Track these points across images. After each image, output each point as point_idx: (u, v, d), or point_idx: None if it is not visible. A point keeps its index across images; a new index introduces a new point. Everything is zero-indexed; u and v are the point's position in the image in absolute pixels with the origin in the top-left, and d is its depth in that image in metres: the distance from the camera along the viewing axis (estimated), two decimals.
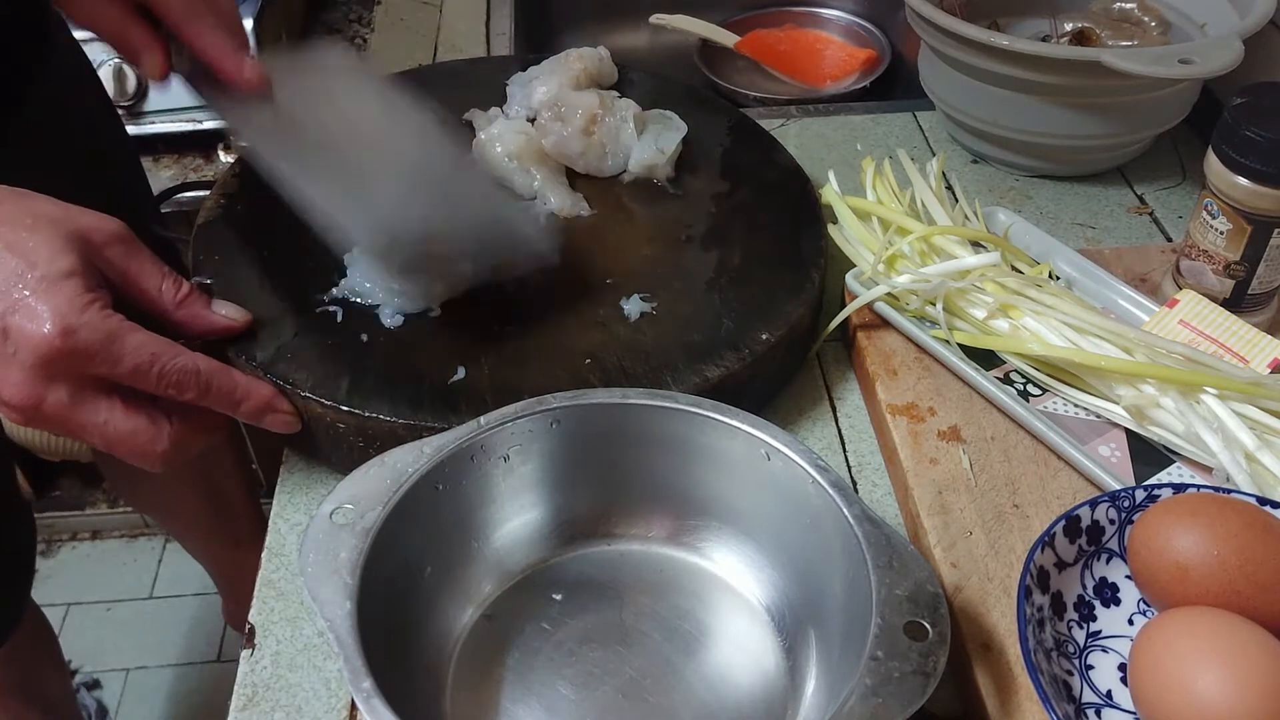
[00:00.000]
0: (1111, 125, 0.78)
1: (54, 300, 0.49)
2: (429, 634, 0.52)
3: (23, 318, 0.49)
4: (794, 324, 0.64)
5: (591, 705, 0.50)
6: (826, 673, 0.49)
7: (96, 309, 0.50)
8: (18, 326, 0.49)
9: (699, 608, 0.54)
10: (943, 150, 0.85)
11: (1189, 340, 0.62)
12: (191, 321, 0.57)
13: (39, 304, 0.49)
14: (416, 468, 0.50)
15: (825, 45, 1.17)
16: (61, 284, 0.49)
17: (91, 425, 0.51)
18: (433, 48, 1.06)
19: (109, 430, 0.52)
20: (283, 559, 0.59)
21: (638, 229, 0.71)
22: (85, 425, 0.51)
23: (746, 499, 0.54)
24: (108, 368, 0.50)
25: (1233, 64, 0.68)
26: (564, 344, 0.62)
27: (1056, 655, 0.49)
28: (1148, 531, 0.49)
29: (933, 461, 0.59)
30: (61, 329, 0.49)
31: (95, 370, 0.50)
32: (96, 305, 0.50)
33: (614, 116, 0.74)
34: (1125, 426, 0.59)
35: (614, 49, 0.83)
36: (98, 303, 0.50)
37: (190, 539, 1.34)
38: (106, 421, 0.51)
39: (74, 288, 0.50)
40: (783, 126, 0.91)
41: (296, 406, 0.59)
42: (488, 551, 0.54)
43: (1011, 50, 0.74)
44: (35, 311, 0.49)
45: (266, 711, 0.52)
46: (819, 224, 0.70)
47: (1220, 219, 0.63)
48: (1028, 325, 0.63)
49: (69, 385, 0.50)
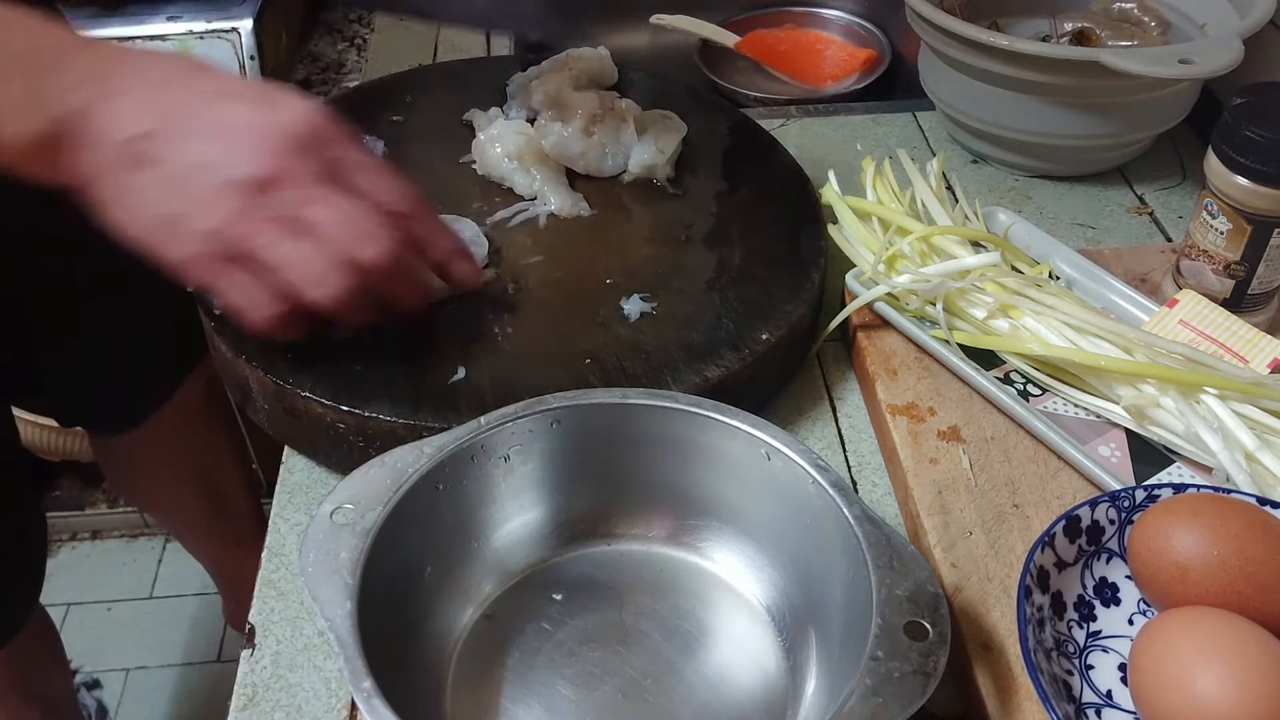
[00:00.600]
0: (1111, 125, 0.78)
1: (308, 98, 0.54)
2: (429, 634, 0.52)
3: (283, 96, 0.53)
4: (794, 324, 0.64)
5: (591, 705, 0.50)
6: (827, 673, 0.49)
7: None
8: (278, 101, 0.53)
9: (699, 608, 0.54)
10: (943, 150, 0.85)
11: (1189, 340, 0.62)
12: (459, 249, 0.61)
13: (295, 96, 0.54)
14: (416, 468, 0.50)
15: (825, 45, 1.17)
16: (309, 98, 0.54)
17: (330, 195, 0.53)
18: (433, 48, 1.06)
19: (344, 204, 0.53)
20: (283, 559, 0.59)
21: (638, 229, 0.71)
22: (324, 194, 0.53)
23: (746, 499, 0.54)
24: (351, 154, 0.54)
25: (1233, 64, 0.68)
26: (564, 344, 0.62)
27: (1056, 655, 0.49)
28: (1148, 531, 0.49)
29: (933, 461, 0.59)
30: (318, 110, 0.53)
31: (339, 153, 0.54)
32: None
33: (614, 117, 0.74)
34: (1125, 426, 0.59)
35: (614, 49, 0.83)
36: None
37: (190, 538, 1.34)
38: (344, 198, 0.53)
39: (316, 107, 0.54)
40: (783, 126, 0.91)
41: (297, 407, 0.59)
42: (488, 551, 0.54)
43: (1011, 50, 0.74)
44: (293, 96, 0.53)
45: (266, 711, 0.52)
46: (819, 224, 0.70)
47: (1220, 219, 0.63)
48: (1028, 325, 0.63)
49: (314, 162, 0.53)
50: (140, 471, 1.19)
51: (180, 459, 1.18)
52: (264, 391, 0.60)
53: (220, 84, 0.54)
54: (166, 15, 1.05)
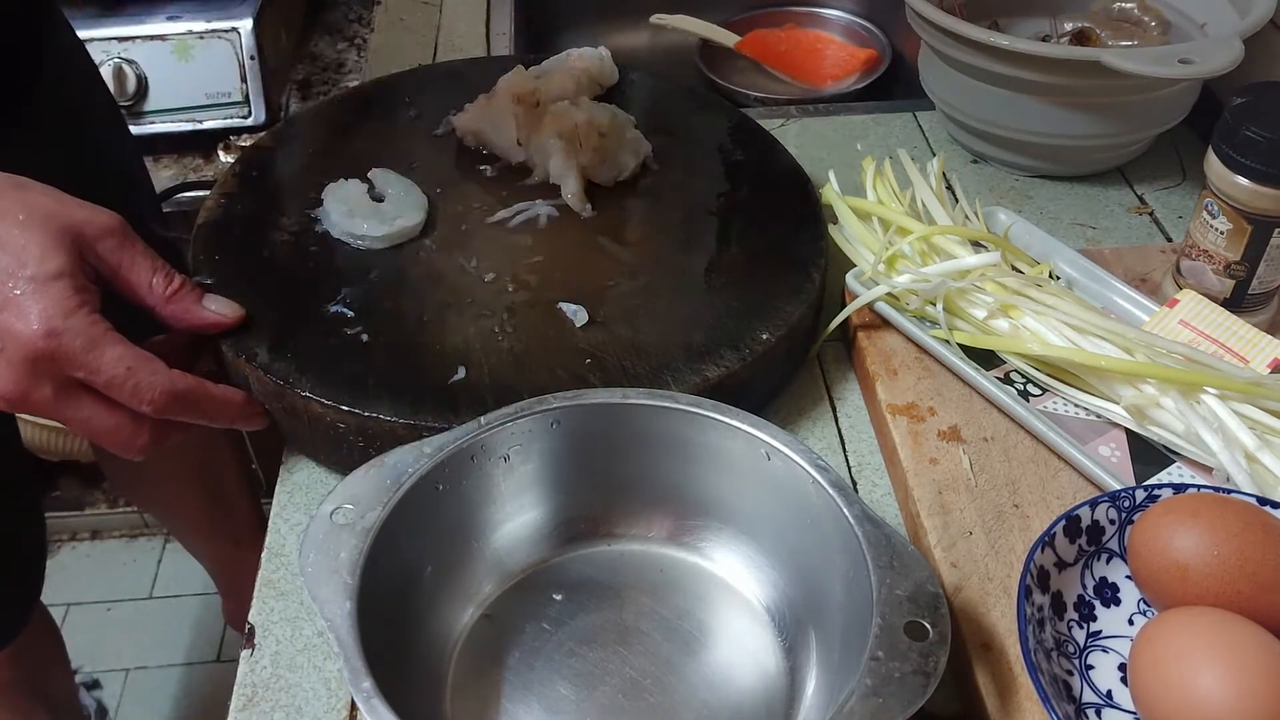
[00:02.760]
0: (1111, 125, 0.78)
1: (42, 302, 0.50)
2: (429, 634, 0.52)
3: (11, 316, 0.50)
4: (794, 324, 0.64)
5: (591, 705, 0.50)
6: (827, 673, 0.49)
7: (84, 314, 0.51)
8: (6, 324, 0.50)
9: (699, 608, 0.54)
10: (943, 150, 0.85)
11: (1189, 340, 0.62)
12: (182, 316, 0.58)
13: (27, 303, 0.50)
14: (416, 468, 0.50)
15: (826, 45, 1.17)
16: (50, 285, 0.51)
17: (76, 419, 0.54)
18: (433, 48, 1.06)
19: (92, 424, 0.54)
20: (283, 559, 0.59)
21: (638, 229, 0.71)
22: (69, 419, 0.54)
23: (746, 499, 0.54)
24: (86, 374, 0.52)
25: (1233, 64, 0.68)
26: (564, 344, 0.62)
27: (1056, 655, 0.49)
28: (1148, 531, 0.49)
29: (933, 461, 0.59)
30: (46, 330, 0.50)
31: (75, 374, 0.52)
32: (84, 310, 0.51)
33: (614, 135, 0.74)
34: (1125, 426, 0.59)
35: (614, 49, 0.83)
36: (85, 306, 0.52)
37: (191, 538, 1.35)
38: (90, 417, 0.54)
39: (62, 289, 0.51)
40: (783, 126, 0.91)
41: (297, 406, 0.59)
42: (488, 551, 0.54)
43: (1011, 50, 0.74)
44: (24, 310, 0.50)
45: (266, 711, 0.52)
46: (819, 224, 0.70)
47: (1220, 219, 0.63)
48: (1028, 325, 0.63)
49: (53, 382, 0.52)
50: (141, 470, 1.19)
51: (181, 458, 1.18)
52: (264, 391, 0.60)
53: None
54: (166, 15, 1.05)
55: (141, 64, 1.04)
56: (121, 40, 1.04)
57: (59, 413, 0.53)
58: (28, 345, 0.50)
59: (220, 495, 1.25)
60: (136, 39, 1.04)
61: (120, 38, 1.04)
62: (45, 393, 0.52)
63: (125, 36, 1.04)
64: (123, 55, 1.03)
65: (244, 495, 1.29)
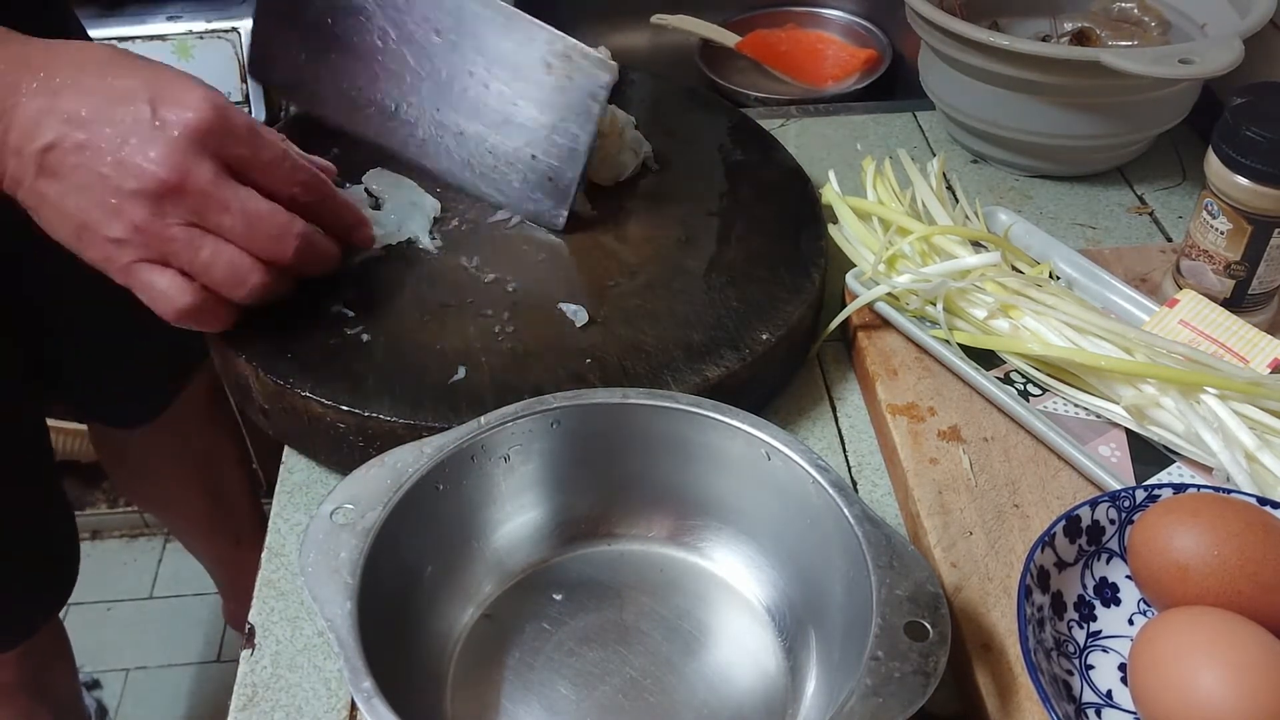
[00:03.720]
0: (1111, 125, 0.78)
1: (203, 87, 0.53)
2: (429, 634, 0.52)
3: (178, 90, 0.52)
4: (794, 324, 0.64)
5: (591, 705, 0.50)
6: (827, 673, 0.49)
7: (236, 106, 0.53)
8: (172, 98, 0.52)
9: (699, 608, 0.54)
10: (943, 150, 0.85)
11: (1189, 340, 0.62)
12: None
13: (190, 86, 0.52)
14: (417, 468, 0.50)
15: (826, 45, 1.17)
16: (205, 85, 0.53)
17: (234, 200, 0.53)
18: None
19: (249, 207, 0.54)
20: (283, 559, 0.59)
21: (638, 229, 0.71)
22: (228, 200, 0.53)
23: (746, 499, 0.54)
24: (250, 149, 0.53)
25: (1233, 64, 0.68)
26: (564, 344, 0.62)
27: (1056, 655, 0.49)
28: (1148, 531, 0.49)
29: (933, 461, 0.59)
30: (213, 104, 0.52)
31: (238, 150, 0.53)
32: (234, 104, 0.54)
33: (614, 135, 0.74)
34: (1125, 426, 0.59)
35: (614, 49, 0.83)
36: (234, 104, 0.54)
37: (191, 537, 1.35)
38: (248, 198, 0.54)
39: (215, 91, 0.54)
40: (783, 126, 0.91)
41: (297, 406, 0.59)
42: (488, 551, 0.54)
43: (1011, 50, 0.74)
44: (186, 90, 0.52)
45: (266, 711, 0.52)
46: (819, 224, 0.70)
47: (1220, 219, 0.63)
48: (1028, 325, 0.63)
49: (214, 162, 0.52)
50: (143, 470, 1.19)
51: (183, 457, 1.18)
52: (264, 391, 0.60)
53: (117, 81, 0.53)
54: (166, 15, 1.05)
55: None
56: (122, 40, 1.04)
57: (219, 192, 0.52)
58: (194, 118, 0.51)
59: (220, 495, 1.25)
60: (137, 39, 1.04)
61: (120, 37, 1.04)
62: (206, 171, 0.52)
63: (125, 36, 1.04)
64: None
65: (244, 495, 1.29)
